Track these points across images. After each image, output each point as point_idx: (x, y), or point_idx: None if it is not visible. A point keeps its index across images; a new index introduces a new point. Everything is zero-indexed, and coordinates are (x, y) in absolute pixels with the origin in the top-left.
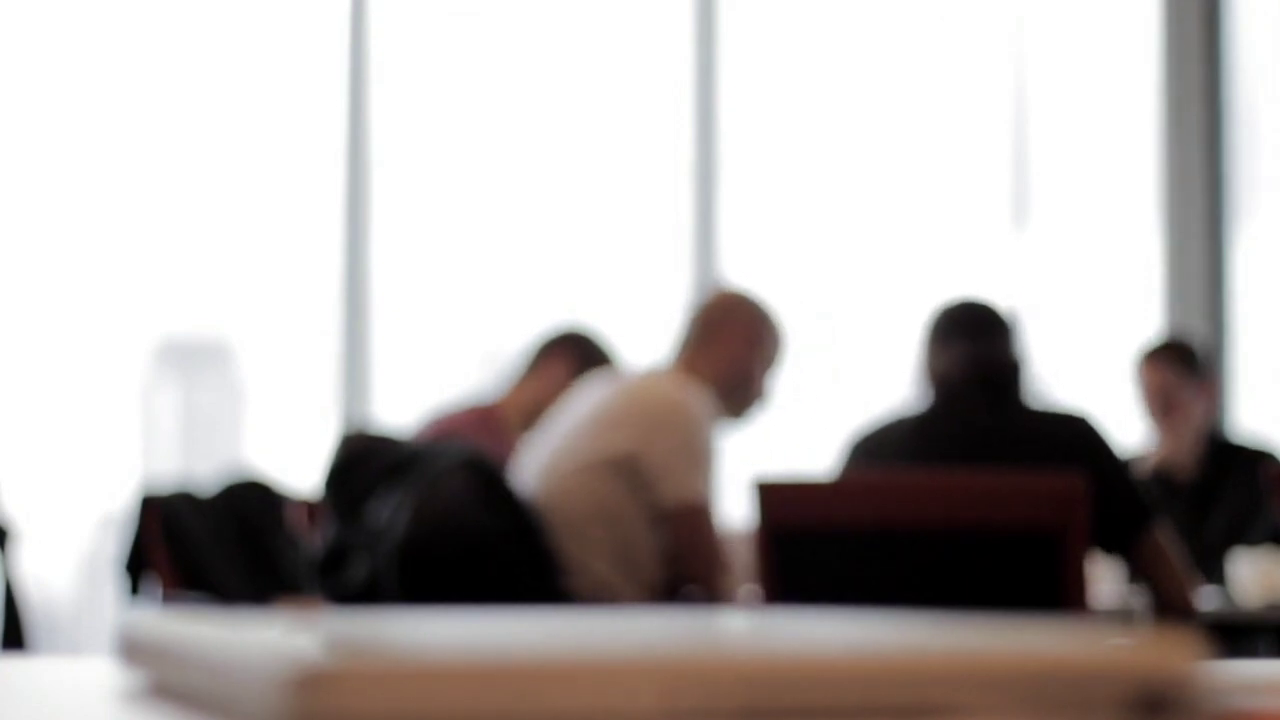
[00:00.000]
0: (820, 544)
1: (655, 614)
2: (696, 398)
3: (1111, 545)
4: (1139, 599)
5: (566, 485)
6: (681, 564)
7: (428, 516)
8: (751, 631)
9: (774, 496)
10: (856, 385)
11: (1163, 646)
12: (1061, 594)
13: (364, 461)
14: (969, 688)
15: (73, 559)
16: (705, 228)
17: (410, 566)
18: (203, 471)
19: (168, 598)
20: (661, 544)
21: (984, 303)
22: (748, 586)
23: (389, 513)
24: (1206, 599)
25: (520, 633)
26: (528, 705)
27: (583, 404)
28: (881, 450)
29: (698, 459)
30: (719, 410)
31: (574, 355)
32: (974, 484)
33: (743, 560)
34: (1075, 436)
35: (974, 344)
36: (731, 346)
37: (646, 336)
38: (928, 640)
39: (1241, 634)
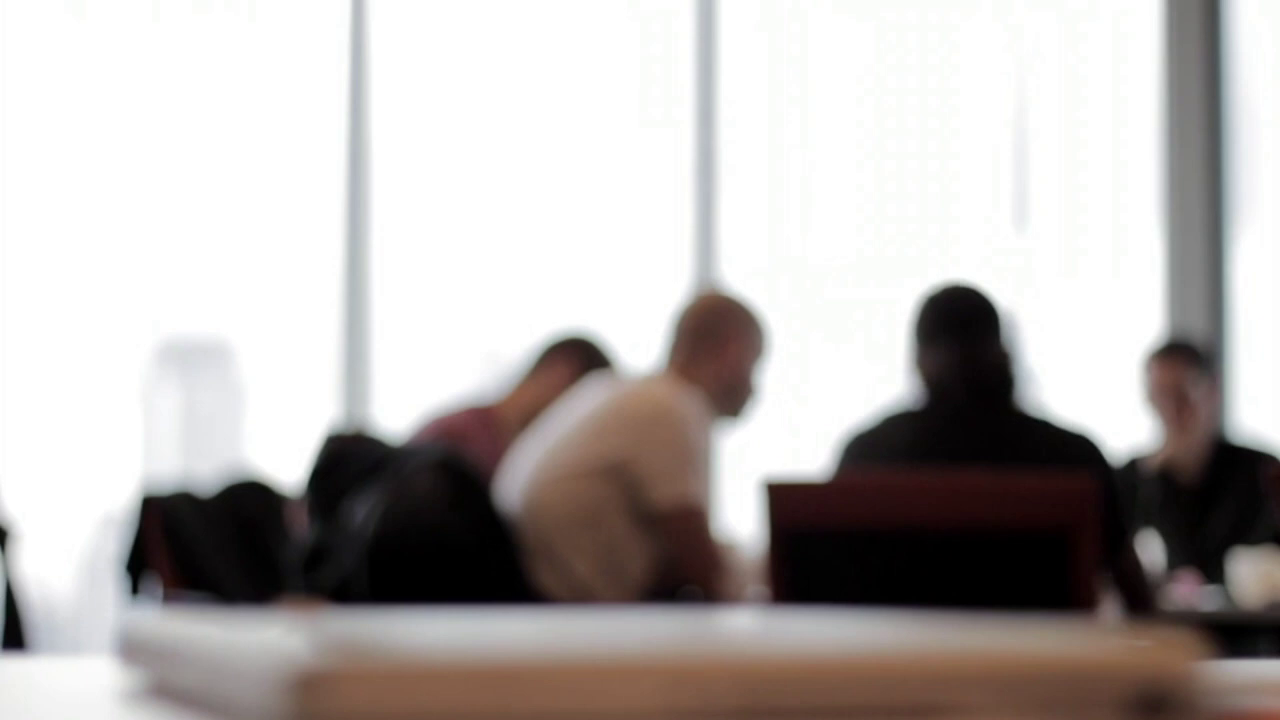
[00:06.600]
0: (829, 544)
1: (655, 614)
2: (688, 401)
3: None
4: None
5: (556, 489)
6: (678, 565)
7: (395, 516)
8: (751, 631)
9: (782, 496)
10: (856, 386)
11: (1163, 646)
12: (1071, 595)
13: (343, 462)
14: (969, 688)
15: (73, 559)
16: (705, 229)
17: (379, 565)
18: (203, 471)
19: (168, 598)
20: (656, 547)
21: (970, 292)
22: (756, 588)
23: (363, 512)
24: (1207, 599)
25: (519, 633)
26: (527, 705)
27: (577, 408)
28: (875, 450)
29: (690, 461)
30: (716, 412)
31: (577, 360)
32: (983, 484)
33: (751, 562)
34: (1073, 450)
35: (961, 343)
36: (724, 349)
37: (644, 337)
38: (928, 640)
39: (1241, 634)
